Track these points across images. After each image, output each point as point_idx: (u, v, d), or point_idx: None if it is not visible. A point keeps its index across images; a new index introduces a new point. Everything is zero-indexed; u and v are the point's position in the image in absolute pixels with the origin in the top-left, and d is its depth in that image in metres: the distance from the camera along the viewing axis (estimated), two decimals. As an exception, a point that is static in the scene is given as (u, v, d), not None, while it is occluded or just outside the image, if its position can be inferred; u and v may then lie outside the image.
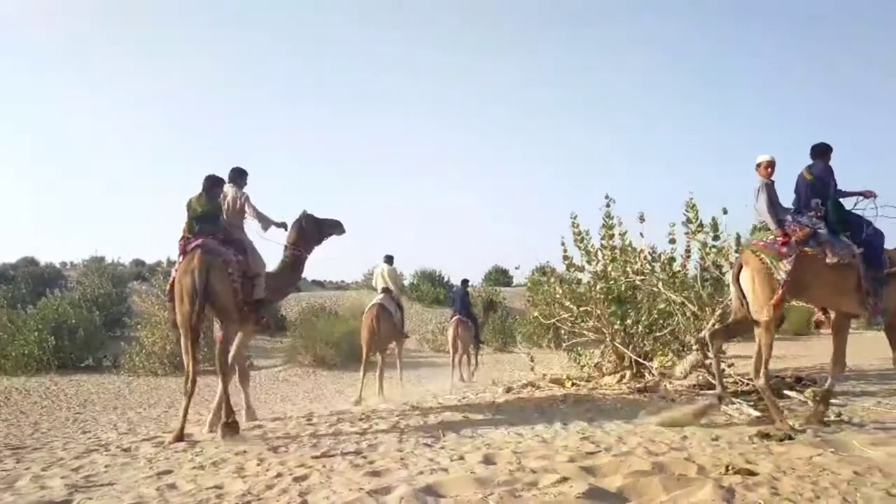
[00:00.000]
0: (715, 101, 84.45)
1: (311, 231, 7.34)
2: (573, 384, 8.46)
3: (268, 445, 5.20)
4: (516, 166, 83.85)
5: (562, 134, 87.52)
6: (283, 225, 6.98)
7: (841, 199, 5.66)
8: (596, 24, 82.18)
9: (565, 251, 9.08)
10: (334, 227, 7.53)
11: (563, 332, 9.44)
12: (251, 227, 6.80)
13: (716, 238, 7.14)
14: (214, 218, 6.26)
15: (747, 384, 6.40)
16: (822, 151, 5.73)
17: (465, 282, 13.75)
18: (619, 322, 8.33)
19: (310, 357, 16.61)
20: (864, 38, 77.45)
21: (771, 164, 5.63)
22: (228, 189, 6.71)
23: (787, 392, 6.38)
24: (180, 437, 5.69)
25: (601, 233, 8.67)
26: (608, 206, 8.53)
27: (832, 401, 6.07)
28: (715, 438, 4.78)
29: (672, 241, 7.75)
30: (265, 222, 6.72)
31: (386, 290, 9.92)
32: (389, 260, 10.37)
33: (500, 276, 36.95)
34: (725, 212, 7.05)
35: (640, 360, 7.97)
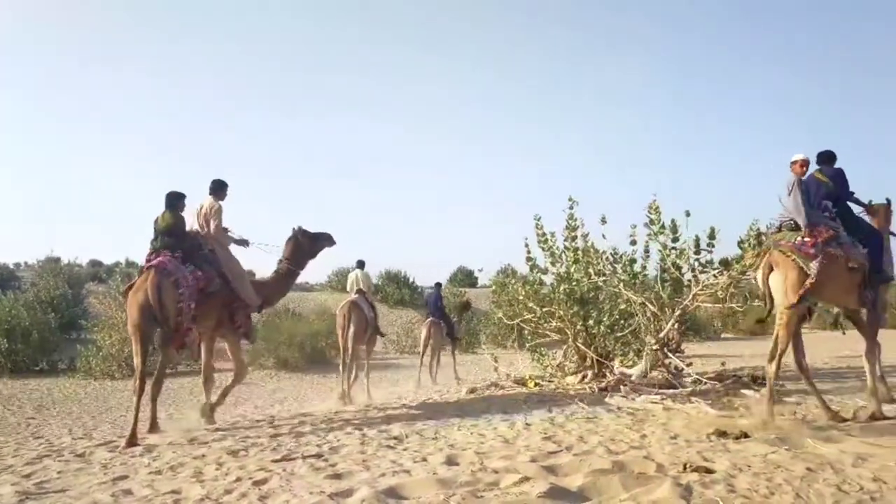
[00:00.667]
0: (681, 102, 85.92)
1: (306, 246, 7.75)
2: (536, 384, 8.52)
3: (227, 449, 5.12)
4: (481, 167, 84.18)
5: (526, 135, 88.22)
6: (242, 242, 7.22)
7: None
8: (568, 24, 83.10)
9: (529, 252, 9.15)
10: (326, 240, 7.96)
11: (526, 332, 9.50)
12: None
13: (675, 240, 7.24)
14: (177, 231, 6.56)
15: (705, 383, 6.52)
16: (828, 158, 6.04)
17: (438, 285, 14.24)
18: (581, 322, 8.40)
19: (272, 359, 16.42)
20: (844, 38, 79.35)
21: (805, 163, 5.84)
22: (206, 200, 7.01)
23: (743, 390, 6.51)
24: (133, 441, 5.61)
25: (564, 234, 8.74)
26: (571, 208, 8.61)
27: (788, 400, 6.24)
28: (674, 437, 4.86)
29: (633, 243, 7.84)
30: (226, 240, 7.03)
31: (360, 292, 10.20)
32: (361, 265, 10.71)
33: (465, 278, 37.04)
34: (688, 214, 7.15)
35: (602, 360, 8.06)
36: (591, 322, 8.37)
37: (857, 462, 3.87)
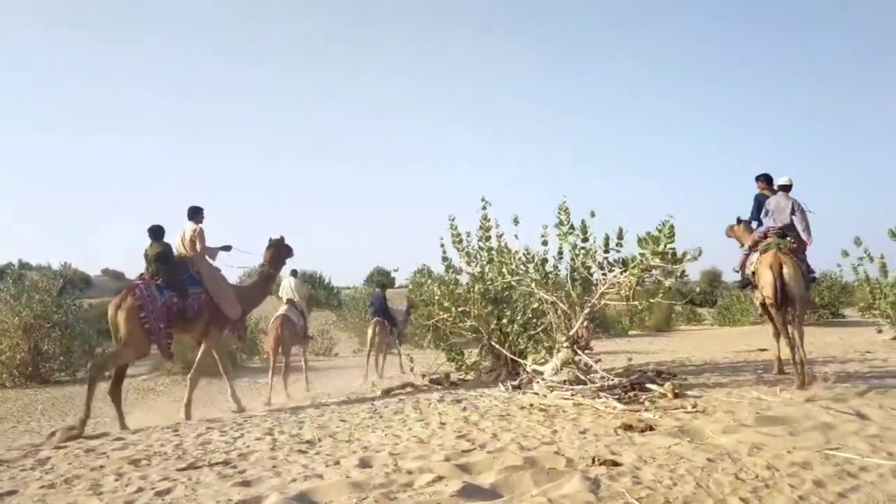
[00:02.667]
0: (597, 103, 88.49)
1: (283, 253, 9.19)
2: (451, 384, 8.55)
3: (127, 459, 4.87)
4: (397, 168, 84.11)
5: (442, 136, 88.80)
6: (226, 248, 8.43)
7: None
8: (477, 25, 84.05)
9: (444, 253, 9.20)
10: (291, 251, 9.36)
11: (442, 332, 9.53)
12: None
13: (584, 240, 7.42)
14: (165, 257, 7.65)
15: (613, 379, 6.72)
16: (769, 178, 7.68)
17: (383, 286, 15.88)
18: (495, 321, 8.51)
19: (179, 364, 15.76)
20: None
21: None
22: (187, 225, 8.14)
23: (648, 385, 6.74)
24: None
25: (479, 234, 8.84)
26: (485, 208, 8.72)
27: (689, 393, 6.52)
28: (583, 431, 4.97)
29: (545, 243, 8.00)
30: (212, 253, 8.25)
31: (290, 302, 11.25)
32: (294, 274, 12.08)
33: (382, 278, 36.87)
34: (593, 215, 7.35)
35: (516, 358, 8.18)
36: (504, 321, 8.48)
37: (753, 451, 4.07)
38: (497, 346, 8.47)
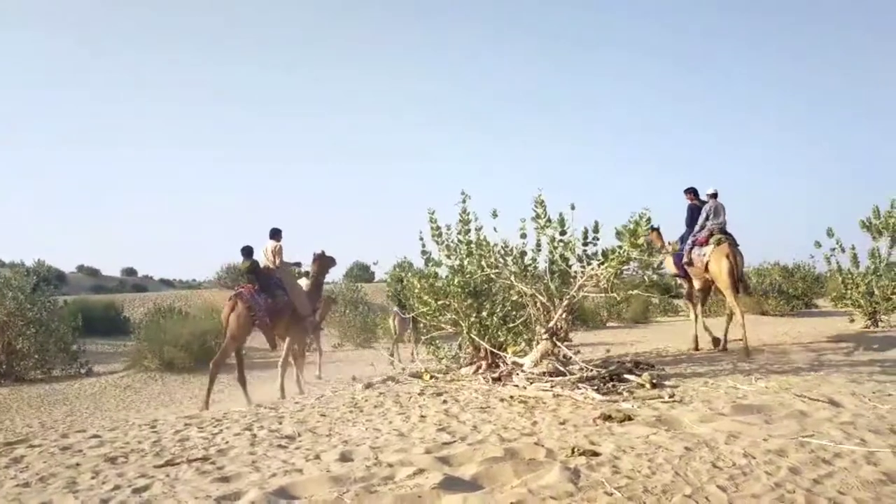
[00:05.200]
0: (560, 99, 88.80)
1: (327, 263, 11.49)
2: (432, 377, 8.55)
3: (104, 456, 4.80)
4: (374, 163, 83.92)
5: (418, 132, 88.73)
6: (297, 264, 11.25)
7: None
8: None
9: (424, 246, 9.17)
10: (334, 261, 11.62)
11: (422, 325, 9.52)
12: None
13: (563, 233, 7.44)
14: (253, 270, 9.83)
15: (591, 370, 6.77)
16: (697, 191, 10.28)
17: (400, 280, 16.91)
18: (475, 314, 8.51)
19: (156, 361, 15.61)
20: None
21: None
22: (269, 243, 10.31)
23: (626, 376, 6.80)
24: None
25: (458, 228, 8.82)
26: (464, 201, 8.70)
27: (667, 383, 6.59)
28: (562, 422, 5.00)
29: (523, 236, 8.01)
30: (286, 265, 10.37)
31: None
32: (306, 275, 13.05)
33: (361, 273, 36.81)
34: (573, 207, 7.37)
35: (495, 351, 8.19)
36: (484, 314, 8.49)
37: (729, 439, 4.13)
38: (477, 338, 8.49)
